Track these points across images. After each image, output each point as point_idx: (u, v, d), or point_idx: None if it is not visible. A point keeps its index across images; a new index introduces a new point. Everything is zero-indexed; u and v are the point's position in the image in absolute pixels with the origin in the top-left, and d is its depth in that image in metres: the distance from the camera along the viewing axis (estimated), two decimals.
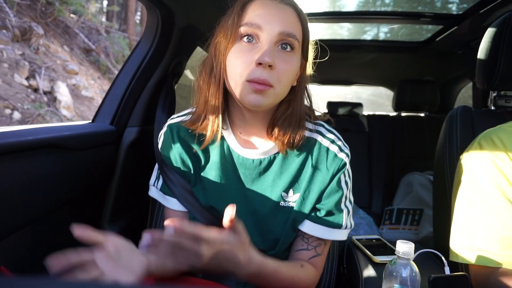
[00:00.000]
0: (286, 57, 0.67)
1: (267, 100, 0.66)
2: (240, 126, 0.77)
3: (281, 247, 0.79)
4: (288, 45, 0.67)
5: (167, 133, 0.79)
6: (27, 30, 5.38)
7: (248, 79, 0.64)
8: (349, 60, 2.50)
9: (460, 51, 2.01)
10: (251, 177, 0.77)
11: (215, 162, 0.77)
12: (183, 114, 0.82)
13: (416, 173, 2.20)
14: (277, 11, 0.67)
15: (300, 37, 0.70)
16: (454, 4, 2.09)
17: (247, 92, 0.66)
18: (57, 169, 0.89)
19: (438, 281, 0.68)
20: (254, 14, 0.66)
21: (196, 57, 1.44)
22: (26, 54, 5.27)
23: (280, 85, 0.67)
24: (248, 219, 0.77)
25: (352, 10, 2.19)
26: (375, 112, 2.78)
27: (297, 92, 0.74)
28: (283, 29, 0.65)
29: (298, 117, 0.74)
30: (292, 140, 0.73)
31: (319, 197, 0.77)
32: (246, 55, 0.65)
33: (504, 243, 0.73)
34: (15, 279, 0.20)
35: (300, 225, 0.78)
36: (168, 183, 0.79)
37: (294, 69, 0.69)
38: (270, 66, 0.64)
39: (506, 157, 0.76)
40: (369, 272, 0.89)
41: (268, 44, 0.65)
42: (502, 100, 1.05)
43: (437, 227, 1.13)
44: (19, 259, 0.87)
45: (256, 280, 0.70)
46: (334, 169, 0.76)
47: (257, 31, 0.65)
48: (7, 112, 4.58)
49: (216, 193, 0.78)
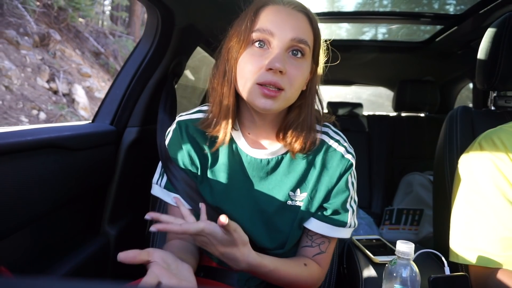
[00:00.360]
0: (296, 63, 0.68)
1: (277, 105, 0.67)
2: (250, 127, 0.78)
3: (289, 246, 0.80)
4: (299, 52, 0.68)
5: (176, 130, 0.80)
6: (45, 36, 5.77)
7: (258, 82, 0.65)
8: (349, 60, 2.49)
9: (460, 51, 2.01)
10: (258, 177, 0.78)
11: (223, 161, 0.78)
12: (193, 112, 0.82)
13: (416, 173, 2.20)
14: (289, 18, 0.67)
15: (311, 43, 0.70)
16: (451, 5, 2.09)
17: (257, 96, 0.66)
18: (57, 169, 0.89)
19: (438, 281, 0.68)
20: (267, 20, 0.67)
21: (196, 57, 1.44)
22: (45, 59, 5.69)
23: (292, 89, 0.68)
24: (255, 218, 0.78)
25: (351, 10, 2.18)
26: (375, 112, 2.78)
27: (307, 97, 0.75)
28: (294, 36, 0.66)
29: (310, 123, 0.74)
30: (303, 146, 0.74)
31: (326, 197, 0.78)
32: (257, 59, 0.66)
33: (504, 243, 0.73)
34: (15, 279, 0.20)
35: (306, 223, 0.79)
36: (172, 179, 0.80)
37: (305, 74, 0.70)
38: (280, 72, 0.65)
39: (506, 157, 0.76)
40: (369, 272, 0.89)
41: (279, 50, 0.66)
42: (502, 100, 1.05)
43: (437, 227, 1.13)
44: (19, 259, 0.87)
45: (257, 275, 0.71)
46: (341, 170, 0.77)
47: (269, 37, 0.66)
48: (34, 113, 4.96)
49: (224, 192, 0.78)
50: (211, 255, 0.82)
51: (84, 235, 1.11)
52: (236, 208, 0.78)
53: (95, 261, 1.07)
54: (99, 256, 1.10)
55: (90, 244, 1.07)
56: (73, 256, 0.99)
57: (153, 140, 1.01)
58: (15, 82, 4.86)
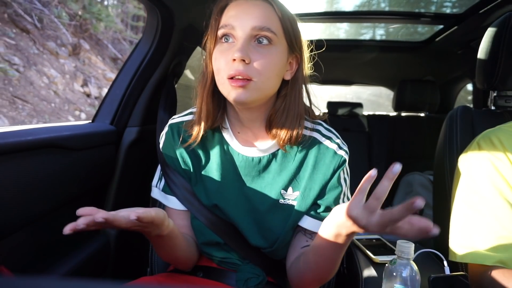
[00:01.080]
0: (263, 50, 0.67)
1: (249, 95, 0.67)
2: (238, 125, 0.78)
3: (280, 244, 0.79)
4: (264, 39, 0.68)
5: (168, 133, 0.81)
6: (76, 46, 6.57)
7: (228, 77, 0.66)
8: (349, 60, 2.49)
9: (460, 51, 2.01)
10: (250, 175, 0.78)
11: (216, 161, 0.78)
12: (184, 114, 0.83)
13: (416, 173, 2.20)
14: (249, 8, 0.68)
15: (279, 30, 0.70)
16: (448, 7, 2.09)
17: (230, 89, 0.67)
18: (57, 169, 0.89)
19: (438, 280, 0.68)
20: (229, 16, 0.69)
21: (196, 57, 1.44)
22: (77, 66, 6.48)
23: (261, 78, 0.67)
24: (248, 217, 0.78)
25: (351, 10, 2.18)
26: (375, 112, 2.78)
27: (292, 87, 0.75)
28: (255, 24, 0.66)
29: (296, 112, 0.74)
30: (290, 136, 0.73)
31: (319, 195, 0.77)
32: (225, 54, 0.68)
33: (502, 242, 0.73)
34: (15, 279, 0.20)
35: (301, 222, 0.79)
36: (170, 184, 0.80)
37: (276, 61, 0.69)
38: (244, 61, 0.65)
39: (504, 157, 0.76)
40: (369, 272, 0.89)
41: (241, 40, 0.66)
42: (502, 100, 1.05)
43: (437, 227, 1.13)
44: (19, 259, 0.87)
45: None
46: (334, 166, 0.77)
47: (231, 30, 0.68)
48: (77, 113, 5.67)
49: (217, 192, 0.79)
50: (211, 255, 0.82)
51: (84, 235, 1.11)
52: (230, 207, 0.78)
53: (95, 260, 1.08)
54: (99, 256, 1.10)
55: (90, 244, 1.08)
56: (73, 255, 0.99)
57: (153, 140, 1.02)
58: (60, 87, 5.67)
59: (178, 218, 0.82)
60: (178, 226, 0.81)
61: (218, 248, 0.81)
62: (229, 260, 0.82)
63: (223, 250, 0.81)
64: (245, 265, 0.81)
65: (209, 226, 0.79)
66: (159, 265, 0.95)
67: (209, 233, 0.79)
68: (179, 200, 0.80)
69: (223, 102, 0.78)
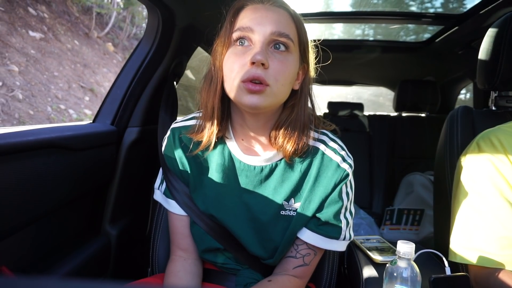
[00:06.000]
0: (280, 57, 0.66)
1: (264, 100, 0.65)
2: (242, 132, 0.76)
3: (280, 256, 0.78)
4: (282, 45, 0.67)
5: (170, 137, 0.79)
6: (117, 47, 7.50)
7: (242, 80, 0.64)
8: (349, 60, 2.49)
9: (461, 51, 2.00)
10: (252, 184, 0.76)
11: (216, 168, 0.77)
12: (187, 118, 0.81)
13: (417, 173, 2.20)
14: (268, 13, 0.67)
15: (295, 38, 0.69)
16: (445, 7, 2.09)
17: (243, 94, 0.65)
18: (58, 169, 0.89)
19: (439, 281, 0.68)
20: (246, 19, 0.67)
21: (196, 57, 1.44)
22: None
23: (277, 84, 0.65)
24: (248, 226, 0.77)
25: (350, 10, 2.18)
26: (376, 112, 2.78)
27: (300, 97, 0.73)
28: (274, 29, 0.65)
29: (302, 123, 0.72)
30: (295, 147, 0.71)
31: (319, 207, 0.76)
32: (240, 57, 0.65)
33: (503, 243, 0.73)
34: (15, 279, 0.20)
35: (299, 233, 0.77)
36: (170, 188, 0.80)
37: (291, 69, 0.68)
38: (263, 65, 0.63)
39: (504, 157, 0.76)
40: (369, 272, 0.89)
41: (260, 44, 0.65)
42: (503, 100, 1.05)
43: (438, 227, 1.13)
44: (20, 259, 0.87)
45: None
46: (336, 180, 0.74)
47: (249, 33, 0.66)
48: None
49: (216, 199, 0.77)
50: (211, 260, 0.82)
51: (85, 235, 1.11)
52: (229, 215, 0.77)
53: (96, 261, 1.08)
54: (100, 256, 1.10)
55: (91, 244, 1.08)
56: (74, 256, 0.99)
57: (153, 140, 1.02)
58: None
59: (180, 224, 0.81)
60: (180, 233, 0.81)
61: (218, 253, 0.81)
62: (229, 265, 0.82)
63: (223, 255, 0.81)
64: (244, 269, 0.81)
65: (209, 232, 0.78)
66: (159, 265, 0.95)
67: (209, 240, 0.78)
68: (179, 204, 0.79)
69: (227, 108, 0.76)
